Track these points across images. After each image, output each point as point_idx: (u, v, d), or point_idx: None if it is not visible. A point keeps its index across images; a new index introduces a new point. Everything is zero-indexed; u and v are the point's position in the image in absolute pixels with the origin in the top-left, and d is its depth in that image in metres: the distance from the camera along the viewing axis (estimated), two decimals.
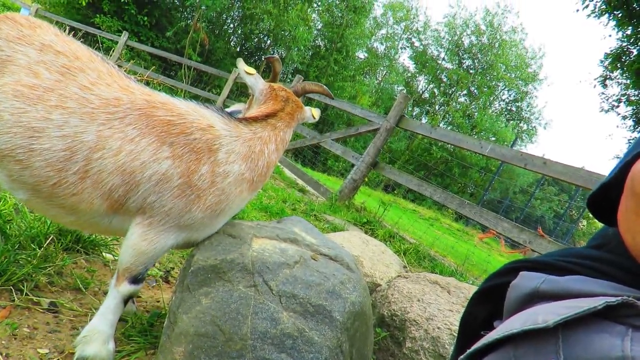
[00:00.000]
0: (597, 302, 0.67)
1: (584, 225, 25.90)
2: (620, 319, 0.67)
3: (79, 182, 1.52)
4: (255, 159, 1.74)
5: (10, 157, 1.50)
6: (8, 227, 2.27)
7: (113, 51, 13.09)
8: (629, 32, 11.90)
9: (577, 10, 12.55)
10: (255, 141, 1.76)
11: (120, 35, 13.80)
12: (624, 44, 12.51)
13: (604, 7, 11.80)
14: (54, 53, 1.60)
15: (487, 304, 1.03)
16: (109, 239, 2.61)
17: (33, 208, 1.70)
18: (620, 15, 11.41)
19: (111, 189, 1.53)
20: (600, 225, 0.97)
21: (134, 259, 1.61)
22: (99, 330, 1.61)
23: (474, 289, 2.46)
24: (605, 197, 0.85)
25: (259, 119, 1.84)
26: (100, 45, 12.11)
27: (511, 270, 0.98)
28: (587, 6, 12.24)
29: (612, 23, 12.07)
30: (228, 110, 4.22)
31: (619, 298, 0.68)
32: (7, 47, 1.57)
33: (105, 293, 2.09)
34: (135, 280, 1.66)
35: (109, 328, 1.63)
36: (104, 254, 2.51)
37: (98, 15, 16.77)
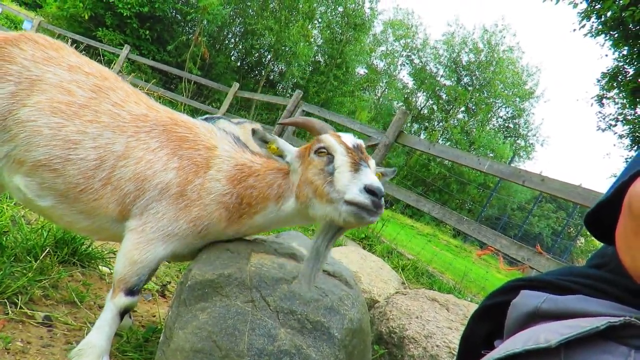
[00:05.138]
0: (600, 322, 0.67)
1: (582, 243, 25.84)
2: (623, 340, 0.66)
3: (102, 188, 1.64)
4: (240, 186, 1.70)
5: (46, 167, 1.62)
6: (4, 238, 2.25)
7: (114, 64, 13.17)
8: (625, 52, 12.02)
9: (574, 30, 12.66)
10: (246, 168, 1.73)
11: (121, 49, 13.89)
12: (620, 63, 12.63)
13: (600, 27, 11.92)
14: (84, 73, 1.73)
15: (488, 321, 1.03)
16: (106, 252, 2.60)
17: (52, 215, 1.77)
18: (616, 35, 11.54)
19: (125, 194, 1.64)
20: (598, 243, 0.96)
21: (127, 268, 1.64)
22: (94, 345, 1.60)
23: (473, 306, 2.44)
24: (602, 216, 0.85)
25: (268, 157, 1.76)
26: (102, 58, 12.17)
27: (512, 289, 0.97)
28: (583, 26, 12.36)
29: (609, 43, 12.20)
30: (203, 117, 4.20)
31: (622, 318, 0.67)
32: (35, 67, 1.66)
33: (101, 307, 2.07)
34: (131, 292, 1.67)
35: (104, 342, 1.63)
36: (100, 266, 2.49)
37: (100, 29, 16.86)
